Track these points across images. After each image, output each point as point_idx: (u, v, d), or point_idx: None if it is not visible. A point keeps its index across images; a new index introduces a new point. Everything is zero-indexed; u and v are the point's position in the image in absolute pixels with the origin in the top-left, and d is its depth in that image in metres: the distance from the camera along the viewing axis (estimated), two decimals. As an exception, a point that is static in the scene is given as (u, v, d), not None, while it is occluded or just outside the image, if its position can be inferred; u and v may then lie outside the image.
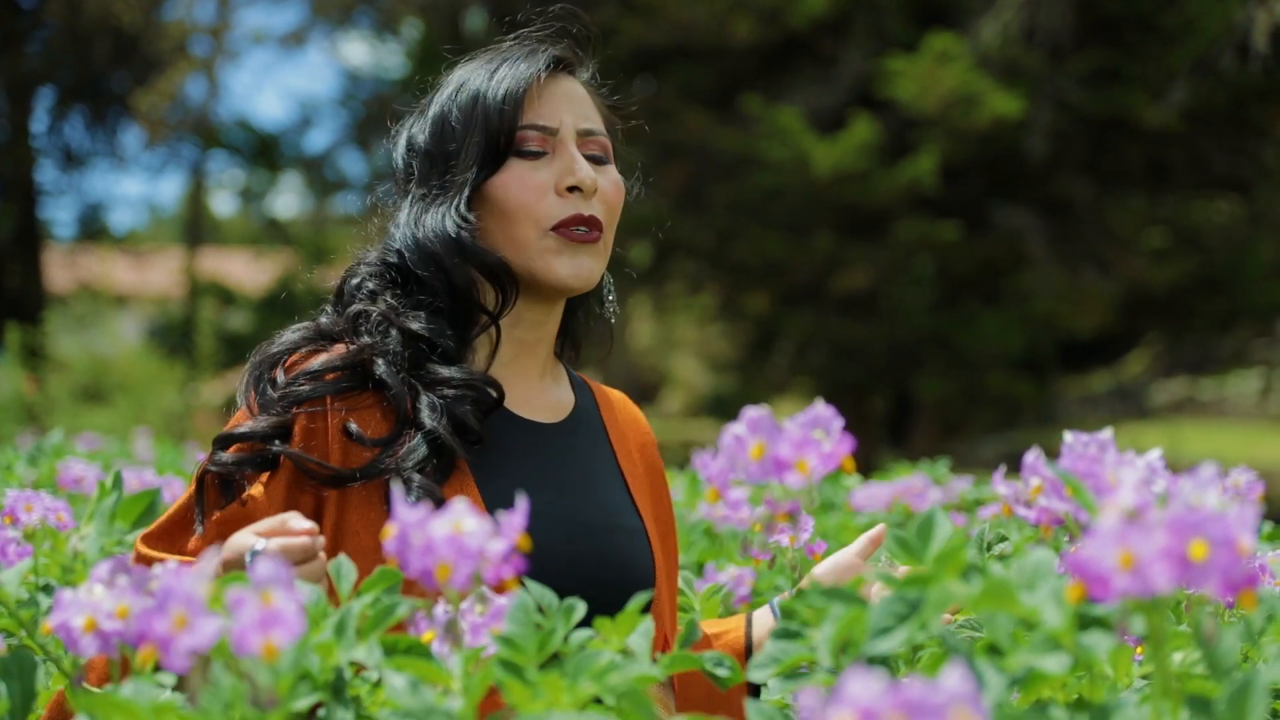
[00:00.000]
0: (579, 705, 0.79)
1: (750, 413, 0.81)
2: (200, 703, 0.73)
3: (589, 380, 1.62)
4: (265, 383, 1.38)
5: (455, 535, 0.78)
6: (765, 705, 0.75)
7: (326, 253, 12.03)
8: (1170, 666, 0.74)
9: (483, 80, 1.46)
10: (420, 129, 1.50)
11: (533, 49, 1.50)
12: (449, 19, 13.32)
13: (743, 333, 14.02)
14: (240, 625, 0.71)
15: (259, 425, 1.34)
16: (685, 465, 3.79)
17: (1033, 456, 0.91)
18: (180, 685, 0.84)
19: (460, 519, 0.79)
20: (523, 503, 0.82)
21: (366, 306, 1.42)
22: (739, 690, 1.46)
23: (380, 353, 1.37)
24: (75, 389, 11.61)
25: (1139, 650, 0.91)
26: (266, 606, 0.71)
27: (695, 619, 1.41)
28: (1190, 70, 10.63)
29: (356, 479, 1.33)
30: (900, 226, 11.06)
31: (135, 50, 14.70)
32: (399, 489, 0.84)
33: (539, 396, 1.50)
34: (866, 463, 8.13)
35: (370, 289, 1.45)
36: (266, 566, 0.73)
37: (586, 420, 1.54)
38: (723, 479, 0.83)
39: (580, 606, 0.88)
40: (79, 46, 14.58)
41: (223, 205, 28.69)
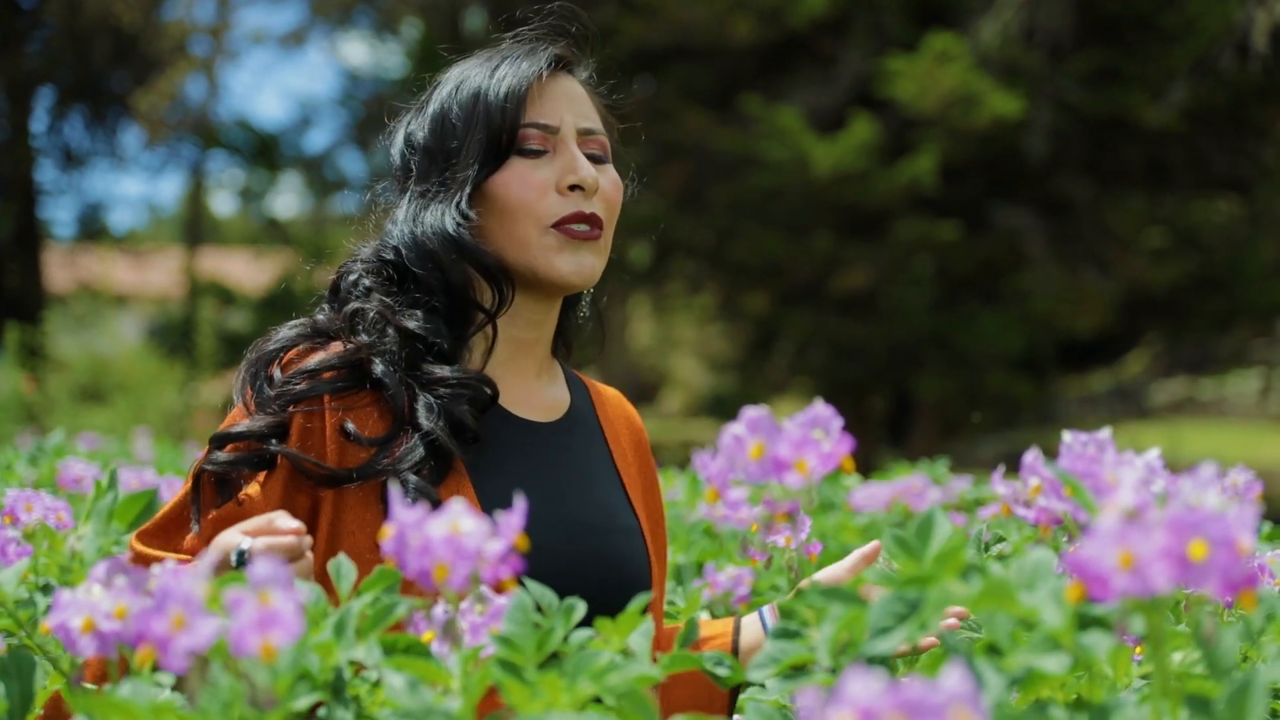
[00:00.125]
0: (578, 705, 0.78)
1: (749, 413, 0.81)
2: (199, 703, 0.73)
3: (584, 377, 1.62)
4: (262, 380, 1.37)
5: (453, 536, 0.78)
6: (764, 705, 0.75)
7: (326, 252, 12.03)
8: (1170, 666, 0.74)
9: (483, 78, 1.46)
10: (419, 126, 1.49)
11: (532, 48, 1.49)
12: (448, 19, 13.32)
13: (742, 332, 14.02)
14: (238, 625, 0.71)
15: (256, 424, 1.34)
16: (685, 465, 3.79)
17: (1031, 456, 0.91)
18: (179, 685, 0.84)
19: (458, 519, 0.79)
20: (520, 503, 0.82)
21: (363, 304, 1.41)
22: (721, 699, 1.46)
23: (378, 352, 1.37)
24: (75, 389, 11.61)
25: (1138, 650, 0.91)
26: (265, 607, 0.71)
27: (695, 618, 1.41)
28: (1190, 70, 10.64)
29: (353, 479, 1.32)
30: (900, 226, 11.06)
31: (135, 50, 14.71)
32: (397, 489, 0.83)
33: (535, 395, 1.50)
34: (866, 463, 8.13)
35: (366, 286, 1.44)
36: (265, 567, 0.73)
37: (582, 419, 1.54)
38: (722, 479, 0.83)
39: (580, 606, 0.88)
40: (79, 46, 14.58)
41: (222, 205, 28.75)
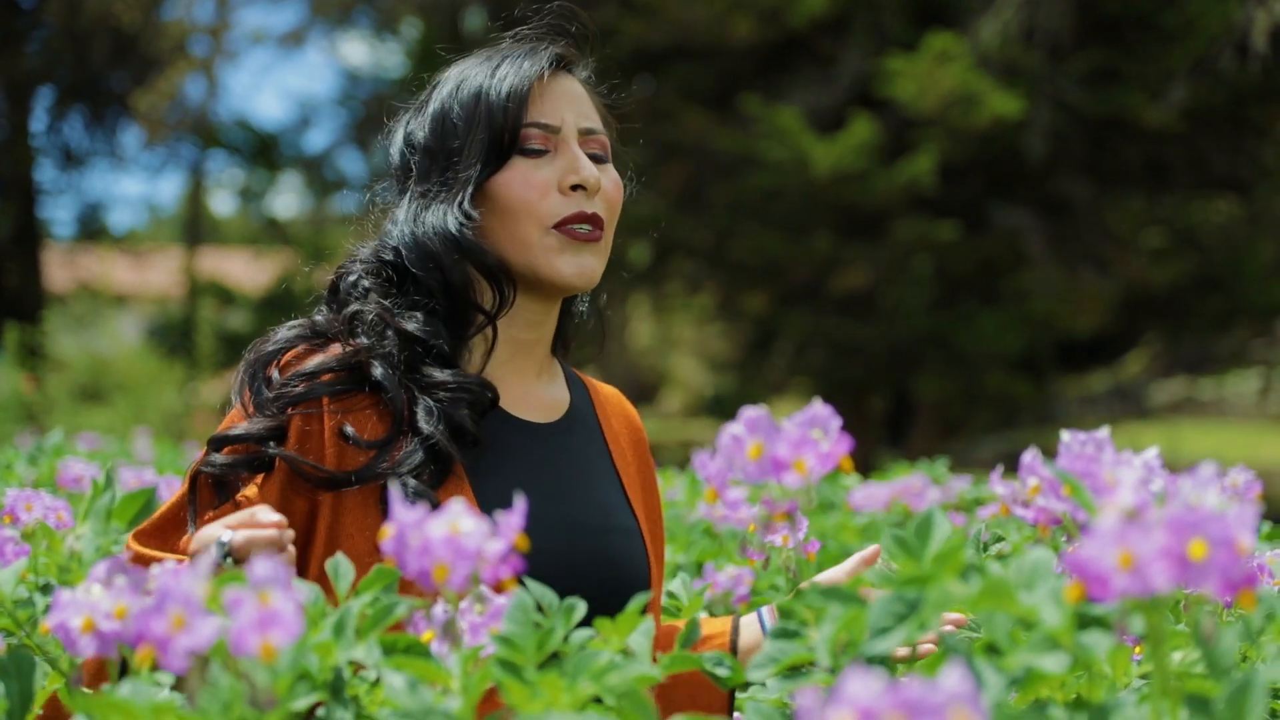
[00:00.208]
0: (578, 705, 0.78)
1: (748, 413, 0.81)
2: (199, 703, 0.73)
3: (583, 376, 1.62)
4: (260, 382, 1.36)
5: (453, 536, 0.78)
6: (763, 704, 0.75)
7: (325, 252, 12.03)
8: (1169, 666, 0.74)
9: (484, 77, 1.45)
10: (419, 125, 1.48)
11: (533, 47, 1.49)
12: (448, 18, 13.31)
13: (742, 332, 14.02)
14: (238, 625, 0.71)
15: (254, 427, 1.33)
16: (685, 465, 3.79)
17: (1030, 456, 0.91)
18: (178, 685, 0.84)
19: (458, 519, 0.79)
20: (520, 503, 0.82)
21: (362, 306, 1.40)
22: (721, 698, 1.46)
23: (377, 355, 1.36)
24: (74, 389, 11.61)
25: (1138, 650, 0.91)
26: (264, 607, 0.71)
27: (696, 619, 1.41)
28: (1189, 70, 10.63)
29: (352, 482, 1.32)
30: (899, 226, 11.06)
31: (134, 50, 14.70)
32: (397, 489, 0.83)
33: (535, 396, 1.50)
34: (865, 462, 8.13)
35: (365, 287, 1.43)
36: (264, 567, 0.73)
37: (581, 419, 1.53)
38: (721, 479, 0.83)
39: (580, 606, 0.88)
40: (78, 46, 14.57)
41: (222, 205, 28.75)
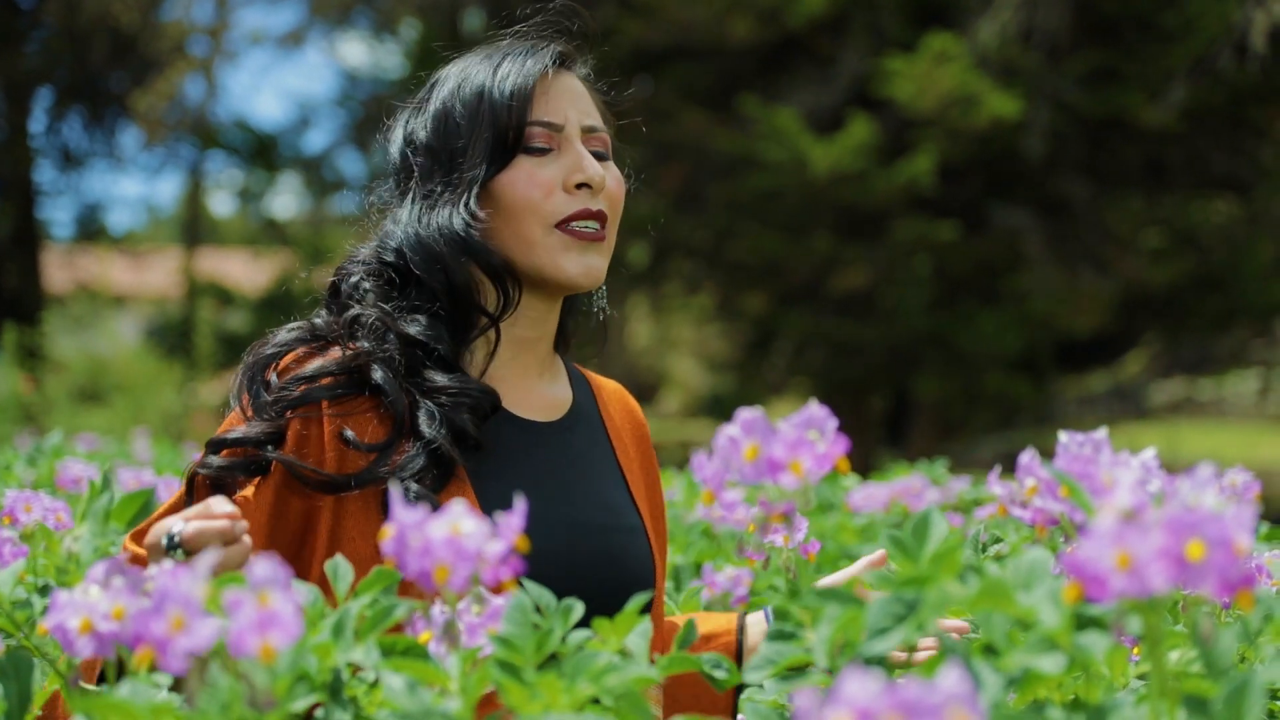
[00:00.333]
0: (576, 706, 0.78)
1: (744, 414, 0.81)
2: (198, 704, 0.73)
3: (585, 371, 1.61)
4: (258, 385, 1.36)
5: (453, 537, 0.78)
6: (761, 705, 0.75)
7: (324, 253, 12.02)
8: (1167, 666, 0.74)
9: (486, 76, 1.44)
10: (421, 125, 1.46)
11: (534, 45, 1.48)
12: (447, 19, 13.31)
13: (741, 333, 14.01)
14: (238, 626, 0.71)
15: (252, 430, 1.33)
16: (683, 465, 3.78)
17: (1027, 457, 0.91)
18: (177, 686, 0.84)
19: (458, 520, 0.79)
20: (520, 503, 0.82)
21: (364, 310, 1.39)
22: (726, 695, 1.46)
23: (377, 358, 1.35)
24: (73, 389, 11.60)
25: (1135, 650, 0.91)
26: (264, 608, 0.71)
27: (693, 620, 1.41)
28: (1188, 70, 10.63)
29: (351, 485, 1.31)
30: (898, 226, 11.06)
31: (133, 50, 14.69)
32: (397, 490, 0.83)
33: (537, 395, 1.49)
34: (865, 463, 8.13)
35: (366, 289, 1.42)
36: (264, 568, 0.73)
37: (584, 416, 1.52)
38: (718, 480, 0.83)
39: (578, 607, 0.88)
40: (77, 46, 14.57)
41: (221, 205, 28.73)
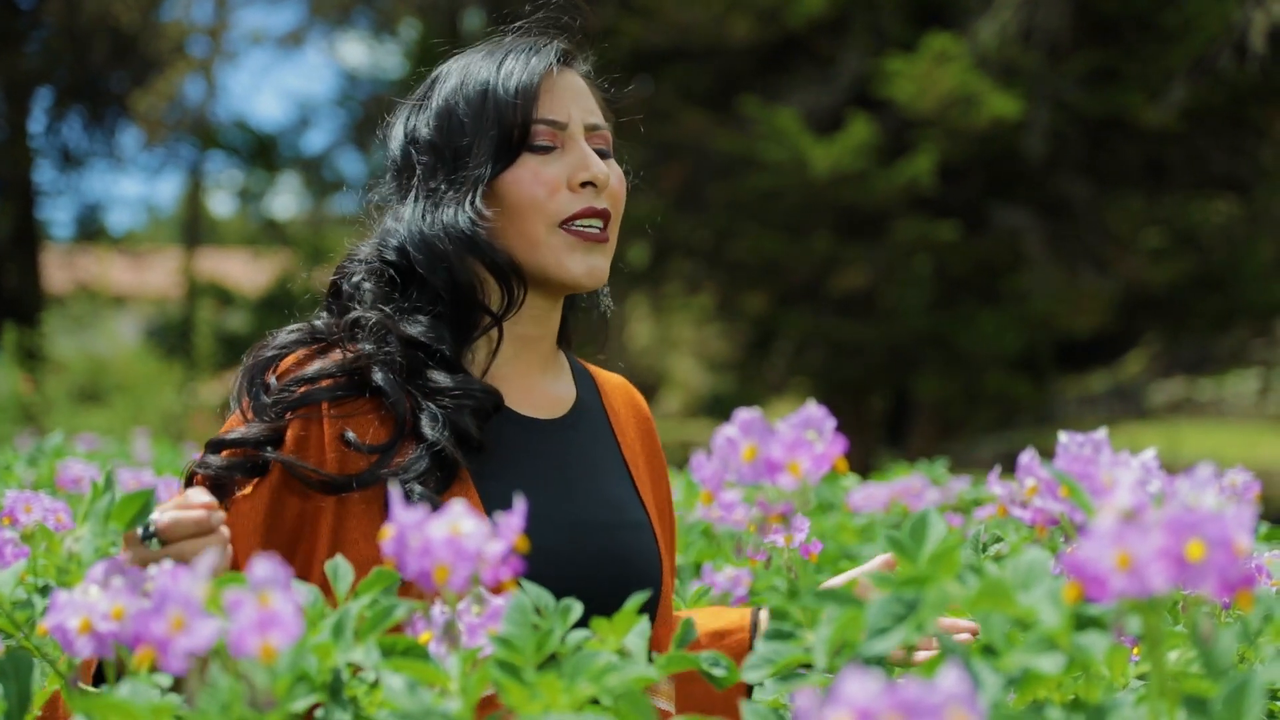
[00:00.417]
0: (576, 706, 0.78)
1: (742, 414, 0.81)
2: (198, 704, 0.73)
3: (589, 366, 1.60)
4: (258, 387, 1.35)
5: (453, 537, 0.78)
6: (759, 705, 0.75)
7: (324, 253, 12.03)
8: (1167, 666, 0.74)
9: (490, 73, 1.42)
10: (423, 122, 1.45)
11: (536, 41, 1.47)
12: (447, 19, 13.32)
13: (741, 333, 14.01)
14: (238, 627, 0.71)
15: (251, 431, 1.32)
16: (684, 466, 3.78)
17: (1027, 457, 0.91)
18: (177, 686, 0.84)
19: (458, 520, 0.79)
20: (521, 503, 0.82)
21: (365, 311, 1.39)
22: (739, 688, 1.45)
23: (378, 361, 1.34)
24: (73, 390, 11.60)
25: (1135, 650, 0.91)
26: (264, 608, 0.71)
27: (691, 619, 1.42)
28: (1188, 70, 10.64)
29: (352, 486, 1.31)
30: (898, 226, 11.06)
31: (133, 50, 14.69)
32: (397, 491, 0.82)
33: (540, 392, 1.48)
34: (865, 463, 8.13)
35: (367, 289, 1.41)
36: (264, 568, 0.73)
37: (588, 413, 1.51)
38: (716, 481, 0.83)
39: (577, 607, 0.88)
40: (77, 47, 14.56)
41: (221, 206, 28.77)
